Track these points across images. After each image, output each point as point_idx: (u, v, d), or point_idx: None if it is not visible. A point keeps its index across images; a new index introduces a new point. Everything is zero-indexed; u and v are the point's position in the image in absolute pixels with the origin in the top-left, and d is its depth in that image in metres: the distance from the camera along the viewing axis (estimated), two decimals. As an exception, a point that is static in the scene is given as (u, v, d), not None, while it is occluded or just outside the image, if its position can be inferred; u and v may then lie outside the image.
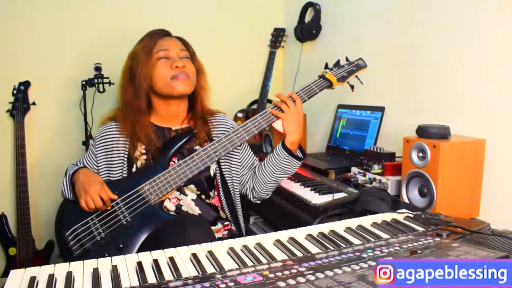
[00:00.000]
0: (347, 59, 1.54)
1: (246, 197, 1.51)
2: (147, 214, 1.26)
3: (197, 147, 1.40)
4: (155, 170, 1.30)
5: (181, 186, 1.34)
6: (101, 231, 1.25)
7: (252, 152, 1.52)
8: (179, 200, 1.37)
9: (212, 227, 1.39)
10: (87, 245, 1.24)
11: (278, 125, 1.40)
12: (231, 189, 1.44)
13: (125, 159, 1.37)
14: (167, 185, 1.28)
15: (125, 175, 1.36)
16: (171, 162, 1.35)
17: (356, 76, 1.52)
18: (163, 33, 1.43)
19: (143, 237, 1.24)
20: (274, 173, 1.40)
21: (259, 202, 1.50)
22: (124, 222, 1.25)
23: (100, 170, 1.40)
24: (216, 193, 1.44)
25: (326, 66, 1.51)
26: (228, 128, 1.47)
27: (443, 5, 1.61)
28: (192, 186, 1.38)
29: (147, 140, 1.36)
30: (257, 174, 1.44)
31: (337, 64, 1.51)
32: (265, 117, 1.37)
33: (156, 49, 1.37)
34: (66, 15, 2.09)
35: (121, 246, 1.23)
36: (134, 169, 1.36)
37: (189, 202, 1.38)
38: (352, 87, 1.53)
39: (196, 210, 1.39)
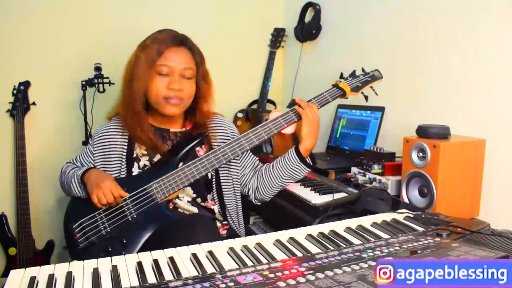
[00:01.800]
0: (363, 70, 1.53)
1: (247, 198, 1.51)
2: (152, 212, 1.28)
3: (197, 149, 1.41)
4: (164, 170, 1.31)
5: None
6: (107, 226, 1.27)
7: (251, 153, 1.51)
8: (174, 204, 1.38)
9: (211, 227, 1.39)
10: (92, 238, 1.26)
11: (287, 131, 1.41)
12: (230, 191, 1.44)
13: (123, 159, 1.37)
14: (174, 184, 1.29)
15: (123, 174, 1.36)
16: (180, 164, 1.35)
17: (371, 87, 1.51)
18: (174, 43, 1.34)
19: (147, 235, 1.26)
20: (282, 177, 1.40)
21: (259, 203, 1.50)
22: (130, 219, 1.27)
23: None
24: (212, 196, 1.44)
25: (342, 76, 1.50)
26: (227, 132, 1.47)
27: (443, 5, 1.61)
28: (188, 189, 1.38)
29: (147, 141, 1.36)
30: (264, 175, 1.43)
31: (353, 74, 1.50)
32: (276, 123, 1.37)
33: (160, 62, 1.31)
34: (66, 15, 2.09)
35: (124, 241, 1.24)
36: (135, 169, 1.37)
37: (184, 205, 1.38)
38: (366, 97, 1.52)
39: (193, 210, 1.39)
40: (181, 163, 1.33)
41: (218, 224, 1.43)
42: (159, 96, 1.32)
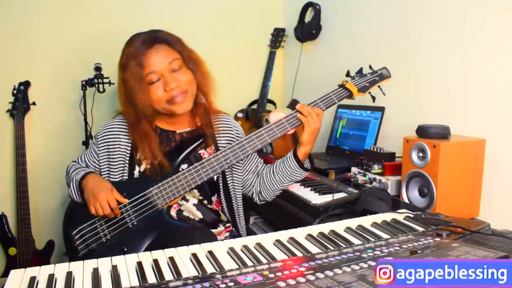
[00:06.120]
0: (370, 68, 1.45)
1: (250, 200, 1.50)
2: (153, 219, 1.25)
3: (201, 151, 1.38)
4: (164, 175, 1.28)
5: None
6: (107, 233, 1.25)
7: (256, 156, 1.49)
8: (180, 205, 1.36)
9: (214, 230, 1.38)
10: (93, 245, 1.24)
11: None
12: (232, 193, 1.43)
13: (127, 160, 1.35)
14: (175, 190, 1.25)
15: (126, 176, 1.35)
16: (181, 166, 1.33)
17: (379, 87, 1.44)
18: (147, 46, 1.29)
19: (147, 242, 1.24)
20: (283, 182, 1.40)
21: (263, 203, 1.50)
22: (130, 225, 1.25)
23: (102, 169, 1.38)
24: (217, 197, 1.43)
25: (348, 74, 1.42)
26: (232, 132, 1.44)
27: (443, 5, 1.61)
28: (195, 191, 1.36)
29: (151, 153, 1.31)
30: (266, 181, 1.42)
31: (360, 72, 1.43)
32: (280, 127, 1.32)
33: (145, 73, 1.26)
34: (66, 15, 2.09)
35: (125, 249, 1.22)
36: (136, 172, 1.35)
37: (190, 207, 1.37)
38: (373, 98, 1.45)
39: (197, 215, 1.38)
40: (185, 166, 1.31)
41: (221, 227, 1.43)
42: (162, 102, 1.29)
